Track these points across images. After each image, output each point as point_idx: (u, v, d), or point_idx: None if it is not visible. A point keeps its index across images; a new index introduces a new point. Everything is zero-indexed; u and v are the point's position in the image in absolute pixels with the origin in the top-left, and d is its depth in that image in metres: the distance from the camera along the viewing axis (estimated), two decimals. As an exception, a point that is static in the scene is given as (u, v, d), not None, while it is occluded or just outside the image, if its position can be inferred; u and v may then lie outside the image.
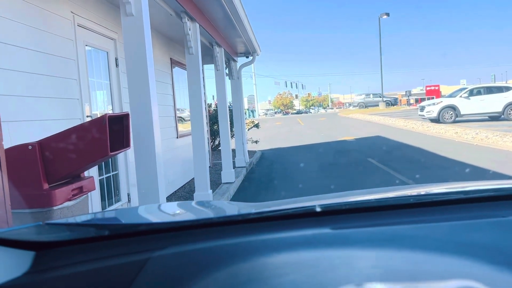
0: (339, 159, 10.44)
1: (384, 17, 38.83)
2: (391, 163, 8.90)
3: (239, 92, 9.94)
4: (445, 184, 1.17)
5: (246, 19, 6.97)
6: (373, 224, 0.78)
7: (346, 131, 18.95)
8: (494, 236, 0.74)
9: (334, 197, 1.06)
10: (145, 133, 3.38)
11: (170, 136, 7.13)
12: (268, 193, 7.08)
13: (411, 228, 0.76)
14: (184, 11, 4.94)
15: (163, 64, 7.15)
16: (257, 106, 72.19)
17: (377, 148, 12.15)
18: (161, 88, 6.78)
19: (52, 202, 2.44)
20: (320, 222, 0.81)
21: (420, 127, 17.14)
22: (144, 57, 3.37)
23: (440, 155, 9.74)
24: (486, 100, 17.36)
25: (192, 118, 5.54)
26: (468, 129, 13.74)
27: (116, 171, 5.16)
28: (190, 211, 1.21)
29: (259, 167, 10.18)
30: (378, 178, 7.51)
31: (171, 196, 6.81)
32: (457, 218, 0.80)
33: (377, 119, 25.92)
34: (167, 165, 6.67)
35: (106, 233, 0.80)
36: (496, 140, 11.10)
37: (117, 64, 5.17)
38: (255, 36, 8.70)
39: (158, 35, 6.90)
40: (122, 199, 5.26)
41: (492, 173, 7.04)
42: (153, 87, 3.46)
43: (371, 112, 35.05)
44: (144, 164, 3.41)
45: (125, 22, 3.35)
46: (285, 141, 16.36)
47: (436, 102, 18.54)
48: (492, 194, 0.94)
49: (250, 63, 9.99)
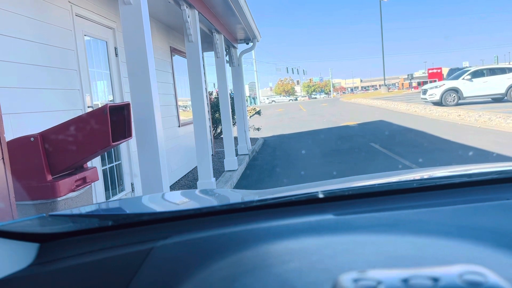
0: (341, 145, 10.43)
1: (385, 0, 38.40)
2: (394, 148, 8.89)
3: (240, 79, 9.89)
4: (448, 168, 1.16)
5: (245, 4, 6.90)
6: (376, 209, 0.78)
7: (348, 116, 18.90)
8: (498, 219, 0.73)
9: (337, 183, 1.06)
10: (147, 122, 3.37)
11: (172, 125, 7.13)
12: (271, 180, 7.10)
13: (415, 213, 0.76)
14: (183, -2, 4.89)
15: (163, 52, 7.10)
16: (259, 93, 71.96)
17: (380, 133, 12.12)
18: (162, 76, 6.75)
19: (56, 193, 2.46)
20: (323, 208, 0.81)
21: (422, 111, 17.07)
22: (143, 46, 3.34)
23: (443, 138, 9.72)
24: (489, 82, 17.24)
25: (193, 106, 5.53)
26: (471, 112, 13.67)
27: (119, 161, 5.18)
28: (193, 200, 1.21)
29: (262, 154, 10.19)
30: (381, 163, 7.50)
31: (174, 185, 6.83)
32: (461, 202, 0.80)
33: (379, 103, 25.81)
34: (169, 154, 6.69)
35: (109, 223, 0.80)
36: (500, 122, 11.05)
37: (117, 53, 5.14)
38: (255, 22, 8.62)
39: (157, 23, 6.85)
40: (125, 189, 5.28)
41: (495, 156, 7.02)
42: (153, 76, 3.45)
43: (373, 96, 34.90)
44: (146, 153, 3.41)
45: (123, 11, 3.32)
46: (287, 127, 16.35)
47: (439, 85, 18.42)
48: (496, 176, 0.93)
49: (250, 49, 9.92)
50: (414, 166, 6.71)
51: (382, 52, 39.43)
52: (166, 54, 7.27)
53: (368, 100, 30.76)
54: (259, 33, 9.68)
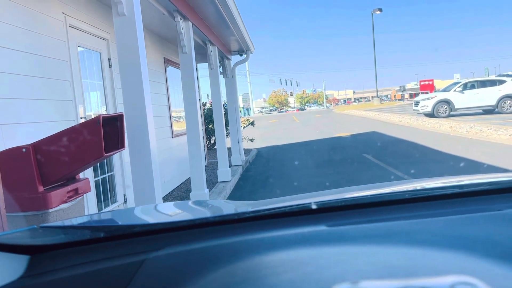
0: (335, 156, 10.46)
1: (377, 12, 38.94)
2: (387, 159, 8.93)
3: (234, 91, 9.93)
4: (440, 179, 1.17)
5: (239, 17, 6.95)
6: (369, 220, 0.78)
7: (341, 128, 18.99)
8: (490, 229, 0.74)
9: (330, 194, 1.06)
10: (140, 133, 3.36)
11: (165, 136, 7.12)
12: (265, 191, 7.09)
13: (407, 224, 0.76)
14: (177, 10, 4.92)
15: (157, 63, 7.12)
16: (252, 104, 72.18)
17: (373, 144, 12.18)
18: (155, 87, 6.76)
19: (48, 204, 2.43)
20: (316, 219, 0.81)
21: (415, 122, 17.20)
22: (137, 57, 3.35)
23: (435, 150, 9.78)
24: (480, 94, 17.44)
25: (187, 117, 5.53)
26: (463, 123, 13.80)
27: (112, 172, 5.14)
28: (186, 211, 1.20)
29: (255, 165, 10.18)
30: (374, 173, 7.53)
31: (167, 196, 6.79)
32: (453, 213, 0.80)
33: (372, 114, 25.99)
34: (162, 165, 6.66)
35: (101, 235, 0.79)
36: (491, 133, 11.16)
37: (110, 64, 5.14)
38: (249, 34, 8.69)
39: (151, 34, 6.88)
40: (118, 200, 5.24)
41: (486, 166, 7.08)
42: (147, 87, 3.45)
43: (365, 108, 35.15)
44: (139, 164, 3.39)
45: (117, 22, 3.33)
46: (281, 138, 16.38)
47: (431, 96, 18.60)
48: (487, 187, 0.94)
49: (244, 61, 9.97)
50: (407, 177, 6.74)
51: (375, 64, 39.86)
52: (159, 65, 7.29)
53: (361, 112, 30.96)
54: (252, 45, 9.75)
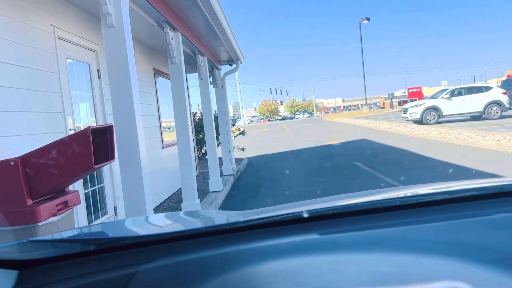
0: (325, 164, 10.49)
1: (365, 21, 39.43)
2: (377, 166, 8.98)
3: (224, 100, 9.94)
4: (430, 185, 1.18)
5: (228, 27, 6.99)
6: (360, 227, 0.79)
7: (331, 136, 19.08)
8: (480, 234, 0.75)
9: (322, 202, 1.07)
10: (130, 144, 3.35)
11: (155, 147, 7.08)
12: (256, 200, 7.07)
13: (398, 231, 0.76)
14: (166, 21, 4.93)
15: (146, 74, 7.11)
16: (243, 113, 72.28)
17: (363, 152, 12.26)
18: (145, 98, 6.74)
19: (37, 218, 2.40)
20: (308, 228, 0.81)
21: (404, 129, 17.36)
22: (126, 68, 3.34)
23: (425, 156, 9.87)
24: (467, 100, 17.69)
25: (177, 127, 5.51)
26: (451, 130, 13.97)
27: (102, 184, 5.10)
28: (178, 222, 1.20)
29: (247, 175, 10.16)
30: (364, 181, 7.56)
31: (158, 207, 6.74)
32: (443, 219, 0.81)
33: (361, 122, 26.17)
34: (153, 176, 6.62)
35: (91, 248, 0.78)
36: (478, 139, 11.30)
37: (100, 76, 5.12)
38: (238, 44, 8.73)
39: (140, 45, 6.88)
40: (108, 212, 5.19)
41: (475, 172, 7.16)
42: (137, 98, 3.44)
43: (355, 115, 35.40)
44: (129, 176, 3.37)
45: (106, 34, 3.33)
46: (271, 147, 16.40)
47: (419, 103, 18.81)
48: (476, 193, 0.95)
49: (233, 71, 10.01)
50: (397, 184, 6.78)
51: (363, 73, 40.30)
52: (149, 76, 7.28)
53: (350, 119, 31.17)
54: (242, 55, 9.80)
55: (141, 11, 4.46)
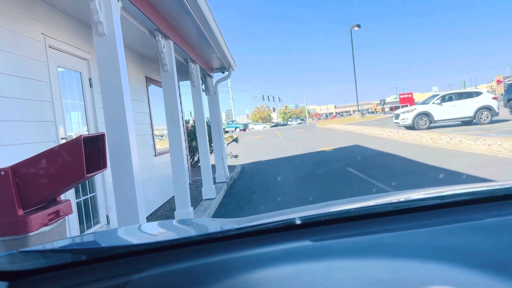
0: (318, 170, 10.52)
1: (356, 28, 39.79)
2: (370, 172, 9.02)
3: (217, 107, 9.94)
4: (421, 190, 1.19)
5: (220, 35, 7.02)
6: (353, 233, 0.79)
7: (324, 142, 19.13)
8: (471, 239, 0.75)
9: (314, 209, 1.07)
10: (122, 153, 3.33)
11: (148, 155, 7.05)
12: (250, 207, 7.05)
13: (390, 236, 0.77)
14: (158, 29, 4.94)
15: (138, 82, 7.10)
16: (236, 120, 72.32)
17: (355, 157, 12.30)
18: (137, 106, 6.72)
19: (28, 228, 2.37)
20: (301, 234, 0.81)
21: (396, 135, 17.46)
22: (118, 77, 3.34)
23: (417, 161, 9.93)
24: (458, 106, 17.87)
25: (170, 135, 5.50)
26: (443, 135, 14.08)
27: (94, 192, 5.06)
28: (170, 230, 1.19)
29: (240, 182, 10.15)
30: (357, 187, 7.58)
31: (151, 215, 6.70)
32: (435, 224, 0.82)
33: (353, 128, 26.30)
34: (145, 184, 6.58)
35: (83, 258, 0.78)
36: (470, 144, 11.40)
37: (91, 84, 5.11)
38: (230, 52, 8.76)
39: (132, 53, 6.87)
40: (101, 221, 5.14)
41: (466, 177, 7.21)
42: (129, 106, 3.43)
43: (347, 122, 35.58)
44: (122, 184, 3.35)
45: (97, 42, 3.32)
46: (265, 154, 16.39)
47: (410, 109, 18.96)
48: (467, 198, 0.95)
49: (226, 78, 10.03)
50: (389, 189, 6.81)
51: (355, 79, 40.63)
52: (141, 84, 7.27)
53: (343, 126, 31.31)
54: (234, 62, 9.82)
55: (133, 20, 4.46)
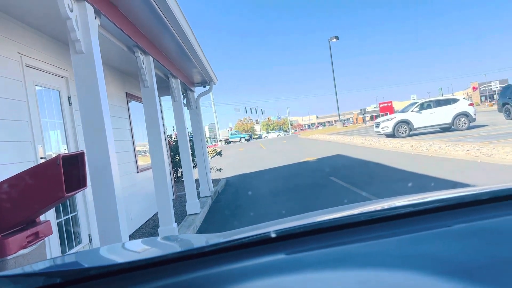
0: (302, 181, 10.56)
1: (334, 40, 40.41)
2: (353, 180, 9.10)
3: (199, 122, 9.94)
4: (397, 198, 1.21)
5: (200, 50, 7.05)
6: (326, 245, 0.80)
7: (307, 152, 19.24)
8: (440, 246, 0.77)
9: (292, 221, 1.08)
10: (103, 170, 3.30)
11: (130, 171, 6.99)
12: (235, 220, 7.02)
13: (361, 246, 0.78)
14: (137, 45, 4.94)
15: (119, 99, 7.06)
16: (219, 133, 72.20)
17: (338, 167, 12.40)
18: (118, 123, 6.68)
19: (5, 252, 2.32)
20: (276, 248, 0.82)
21: (377, 143, 17.69)
22: (97, 94, 3.32)
23: (398, 169, 10.06)
24: (436, 113, 18.23)
25: (151, 151, 5.47)
26: (422, 142, 14.32)
27: (75, 212, 4.98)
28: (149, 249, 1.19)
29: (225, 195, 10.11)
30: (341, 196, 7.63)
31: (135, 233, 6.61)
32: (405, 232, 0.84)
33: (336, 138, 26.54)
34: (128, 201, 6.51)
35: (57, 281, 0.77)
36: (449, 150, 11.62)
37: (70, 102, 5.06)
38: (211, 66, 8.80)
39: (112, 70, 6.84)
40: (83, 241, 5.05)
41: (445, 182, 7.34)
42: (108, 123, 3.41)
43: (329, 132, 35.90)
44: (103, 203, 3.31)
45: (75, 60, 3.30)
46: (249, 166, 16.39)
47: (390, 118, 19.25)
48: (438, 205, 0.98)
49: (207, 92, 10.05)
50: (372, 197, 6.88)
51: (335, 90, 41.16)
52: (122, 100, 7.23)
53: (325, 136, 31.55)
54: (215, 76, 9.86)
55: (111, 36, 4.45)
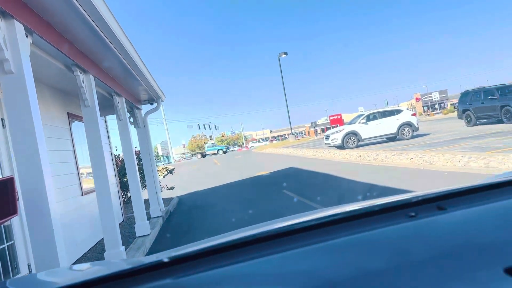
0: (256, 195, 10.58)
1: (283, 56, 41.28)
2: (304, 192, 9.23)
3: (147, 140, 9.71)
4: (304, 215, 1.17)
5: (144, 68, 6.94)
6: (225, 264, 0.79)
7: (261, 167, 19.34)
8: (312, 261, 0.76)
9: (215, 240, 1.05)
10: (37, 196, 3.12)
11: (73, 195, 6.68)
12: (187, 240, 6.85)
13: (247, 266, 0.77)
14: (75, 64, 4.78)
15: (60, 119, 6.77)
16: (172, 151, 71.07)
17: (291, 180, 12.55)
18: (59, 145, 6.39)
19: None
20: (163, 273, 0.79)
21: (327, 155, 18.12)
22: (29, 116, 3.16)
23: (347, 179, 10.34)
24: (382, 124, 18.99)
25: (95, 172, 5.25)
26: (370, 152, 14.83)
27: (12, 241, 4.66)
28: (75, 275, 1.12)
29: (177, 215, 9.90)
30: (293, 208, 7.71)
31: (80, 259, 6.30)
32: (287, 249, 0.82)
33: (288, 151, 26.93)
34: (72, 226, 6.21)
35: None
36: (394, 159, 12.11)
37: (4, 125, 4.78)
38: (157, 84, 8.68)
39: (52, 89, 6.57)
40: (21, 271, 4.74)
41: (389, 189, 7.62)
42: (43, 146, 3.25)
43: (282, 145, 36.38)
44: (38, 231, 3.12)
45: (4, 81, 3.13)
46: (202, 183, 16.19)
47: (339, 130, 19.82)
48: (321, 221, 0.95)
49: (155, 109, 9.88)
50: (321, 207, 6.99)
51: (286, 104, 41.93)
52: (63, 121, 6.93)
53: (278, 149, 31.93)
54: (163, 94, 9.73)
55: (46, 55, 4.28)
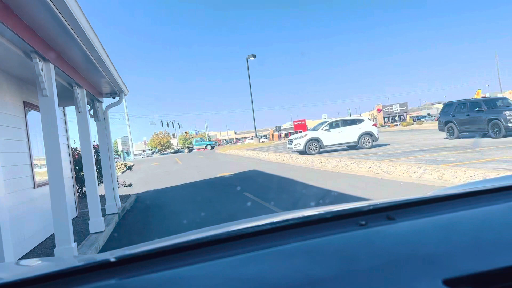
0: (217, 196, 10.52)
1: (252, 58, 41.42)
2: (265, 195, 9.28)
3: (107, 134, 9.45)
4: (263, 218, 1.16)
5: (108, 60, 6.75)
6: (172, 266, 0.77)
7: (223, 168, 19.27)
8: (261, 267, 0.76)
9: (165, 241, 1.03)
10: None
11: (24, 187, 6.39)
12: (143, 239, 6.73)
13: (193, 269, 0.76)
14: (34, 51, 4.59)
15: (14, 107, 6.47)
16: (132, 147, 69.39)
17: (252, 182, 12.58)
18: (10, 133, 6.10)
19: None
20: (110, 273, 0.77)
21: (290, 160, 18.32)
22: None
23: (307, 184, 10.49)
24: (344, 132, 19.43)
25: (49, 164, 5.04)
26: (331, 159, 15.11)
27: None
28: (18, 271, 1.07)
29: (134, 212, 9.69)
30: (252, 210, 7.74)
31: (28, 254, 6.03)
32: (236, 253, 0.81)
33: (251, 154, 26.99)
34: (21, 219, 5.95)
35: None
36: (354, 167, 12.40)
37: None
38: (121, 77, 8.47)
39: (6, 76, 6.27)
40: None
41: (345, 196, 7.80)
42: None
43: (246, 147, 36.43)
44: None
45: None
46: (162, 182, 15.93)
47: (302, 135, 20.08)
48: (273, 226, 0.94)
49: (117, 103, 9.63)
50: (279, 211, 7.06)
51: (252, 107, 42.23)
52: (17, 109, 6.63)
53: (242, 151, 31.94)
54: (126, 88, 9.51)
55: (4, 40, 4.08)
